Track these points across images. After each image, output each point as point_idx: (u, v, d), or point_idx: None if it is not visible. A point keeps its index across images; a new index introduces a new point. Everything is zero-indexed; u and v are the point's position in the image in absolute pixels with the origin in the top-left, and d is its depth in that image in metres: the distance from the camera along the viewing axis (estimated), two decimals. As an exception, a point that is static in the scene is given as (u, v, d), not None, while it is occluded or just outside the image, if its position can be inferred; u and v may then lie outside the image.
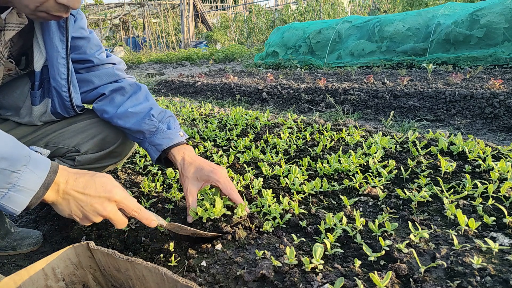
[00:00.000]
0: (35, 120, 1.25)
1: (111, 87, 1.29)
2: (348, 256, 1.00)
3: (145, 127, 1.24)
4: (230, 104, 4.27)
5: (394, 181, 1.47)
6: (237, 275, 0.94)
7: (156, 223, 0.99)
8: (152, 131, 1.24)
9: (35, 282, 0.85)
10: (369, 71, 5.84)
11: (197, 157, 1.24)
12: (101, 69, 1.30)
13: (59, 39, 1.11)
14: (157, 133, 1.24)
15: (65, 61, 1.14)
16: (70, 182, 0.85)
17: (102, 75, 1.29)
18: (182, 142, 1.25)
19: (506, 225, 1.06)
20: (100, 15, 20.88)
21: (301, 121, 2.50)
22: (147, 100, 1.30)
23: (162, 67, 10.71)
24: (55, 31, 1.09)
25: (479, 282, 0.83)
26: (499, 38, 5.32)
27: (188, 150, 1.25)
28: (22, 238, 1.42)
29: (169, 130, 1.24)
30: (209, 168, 1.19)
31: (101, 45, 1.31)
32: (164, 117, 1.27)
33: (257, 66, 8.18)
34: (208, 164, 1.21)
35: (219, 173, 1.18)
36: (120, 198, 0.90)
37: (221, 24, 18.30)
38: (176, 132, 1.25)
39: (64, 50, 1.12)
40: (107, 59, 1.32)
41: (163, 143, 1.22)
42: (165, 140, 1.22)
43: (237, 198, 1.17)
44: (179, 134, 1.25)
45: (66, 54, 1.13)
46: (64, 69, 1.14)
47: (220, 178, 1.17)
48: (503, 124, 2.70)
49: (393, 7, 11.21)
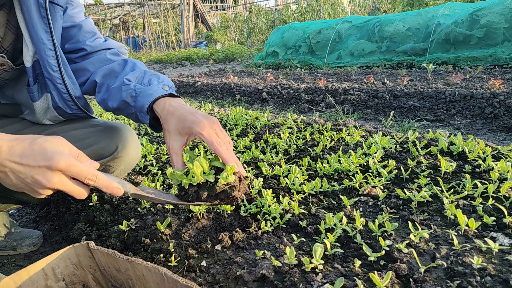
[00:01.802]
0: (41, 118, 1.23)
1: (101, 72, 1.19)
2: (348, 256, 1.00)
3: (124, 95, 1.09)
4: (230, 104, 4.27)
5: (394, 181, 1.47)
6: (237, 275, 0.94)
7: (121, 191, 0.84)
8: (134, 96, 1.08)
9: (35, 282, 0.85)
10: (369, 71, 5.84)
11: (182, 106, 1.01)
12: (94, 56, 1.21)
13: (43, 31, 1.05)
14: (138, 96, 1.08)
15: (54, 53, 1.09)
16: (4, 150, 0.73)
17: (96, 61, 1.21)
18: (165, 94, 1.06)
19: (506, 225, 1.06)
20: (100, 15, 20.88)
21: (301, 121, 2.50)
22: (131, 70, 1.16)
23: (162, 67, 10.71)
24: (38, 23, 1.04)
25: (479, 282, 0.83)
26: (499, 38, 5.32)
27: (172, 100, 1.05)
28: (22, 238, 1.42)
29: (149, 86, 1.08)
30: (191, 118, 0.95)
31: (95, 31, 1.24)
32: (144, 77, 1.12)
33: (257, 66, 8.18)
34: (192, 113, 0.97)
35: (202, 124, 0.93)
36: (64, 166, 0.75)
37: (221, 24, 18.31)
38: (158, 86, 1.08)
39: (50, 41, 1.07)
40: (102, 45, 1.24)
41: (144, 102, 1.05)
42: (146, 99, 1.05)
43: (225, 157, 0.92)
44: (163, 88, 1.07)
45: (53, 45, 1.08)
46: (54, 61, 1.09)
47: (204, 129, 0.92)
48: (503, 124, 2.70)
49: (393, 7, 11.21)
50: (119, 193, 0.83)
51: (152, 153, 1.99)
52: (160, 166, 1.82)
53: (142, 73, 1.12)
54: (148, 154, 1.96)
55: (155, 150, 2.06)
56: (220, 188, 0.91)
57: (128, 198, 1.48)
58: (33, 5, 1.03)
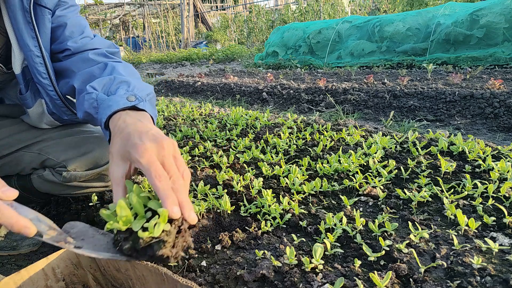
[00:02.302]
0: (38, 123, 1.21)
1: (81, 77, 1.04)
2: (348, 256, 1.00)
3: (87, 105, 0.92)
4: (230, 104, 4.27)
5: (394, 181, 1.47)
6: (237, 275, 0.94)
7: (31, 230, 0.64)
8: (96, 108, 0.90)
9: (35, 282, 0.85)
10: (369, 71, 5.84)
11: (136, 124, 0.79)
12: (78, 55, 1.09)
13: (30, 37, 0.99)
14: (99, 107, 0.89)
15: (41, 60, 1.02)
16: None
17: (79, 62, 1.07)
18: (127, 107, 0.85)
19: (506, 225, 1.06)
20: (100, 15, 20.88)
21: (301, 121, 2.50)
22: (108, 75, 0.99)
23: (162, 67, 10.71)
24: (24, 29, 0.98)
25: (479, 282, 0.83)
26: (499, 38, 5.32)
27: (131, 114, 0.83)
28: (23, 238, 1.42)
29: (113, 96, 0.88)
30: (134, 139, 0.72)
31: (83, 30, 1.12)
32: (112, 84, 0.93)
33: (257, 66, 8.18)
34: (140, 133, 0.75)
35: (143, 148, 0.70)
36: None
37: (221, 24, 18.30)
38: (122, 96, 0.87)
39: (37, 48, 1.00)
40: (87, 44, 1.11)
41: (102, 116, 0.86)
42: (104, 112, 0.86)
43: (162, 196, 0.66)
44: (128, 99, 0.86)
45: (40, 52, 1.01)
46: (42, 68, 1.03)
47: (144, 156, 0.69)
48: (503, 124, 2.70)
49: (393, 7, 11.21)
50: (29, 233, 0.64)
51: (152, 153, 1.99)
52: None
53: (111, 80, 0.94)
54: (148, 154, 1.96)
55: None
56: (144, 242, 0.64)
57: (128, 198, 1.48)
58: (19, 10, 0.96)
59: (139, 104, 0.86)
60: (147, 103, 0.90)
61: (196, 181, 1.59)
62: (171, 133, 2.39)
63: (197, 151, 1.96)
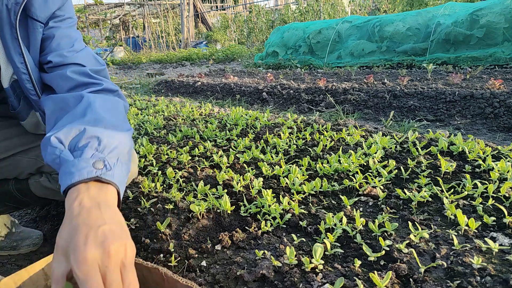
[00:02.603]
0: (35, 130, 1.18)
1: (52, 103, 0.94)
2: (348, 256, 1.00)
3: (49, 158, 0.79)
4: (230, 104, 4.27)
5: (394, 181, 1.47)
6: (237, 275, 0.94)
7: None
8: (58, 165, 0.78)
9: (35, 282, 0.85)
10: (369, 71, 5.84)
11: (89, 211, 0.67)
12: (57, 71, 0.99)
13: (16, 53, 0.94)
14: (61, 168, 0.77)
15: (28, 77, 0.96)
16: None
17: (57, 78, 0.98)
18: (89, 178, 0.72)
19: (506, 225, 1.06)
20: (100, 15, 20.88)
21: (301, 121, 2.50)
22: (80, 116, 0.84)
23: (162, 67, 10.71)
24: (10, 44, 0.93)
25: (479, 282, 0.83)
26: (499, 38, 5.32)
27: (89, 193, 0.71)
28: (23, 239, 1.42)
29: (77, 159, 0.75)
30: (80, 238, 0.62)
31: (71, 43, 1.03)
32: (80, 139, 0.78)
33: (257, 66, 8.18)
34: (87, 230, 0.63)
35: (81, 258, 0.60)
36: None
37: (221, 24, 18.30)
38: (87, 162, 0.74)
39: (23, 64, 0.95)
40: (70, 58, 1.00)
41: (62, 182, 0.74)
42: (63, 179, 0.74)
43: None
44: (94, 166, 0.74)
45: (26, 69, 0.95)
46: (29, 85, 0.97)
47: (80, 269, 0.59)
48: (503, 124, 2.70)
49: (393, 7, 11.21)
50: None
51: (152, 153, 1.99)
52: (160, 166, 1.82)
53: (81, 132, 0.79)
54: (148, 154, 1.96)
55: (155, 150, 2.06)
56: None
57: (128, 198, 1.48)
58: (6, 24, 0.91)
59: (106, 174, 0.74)
60: (116, 167, 0.78)
61: (196, 181, 1.59)
62: (171, 133, 2.39)
63: (197, 151, 1.96)
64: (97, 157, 0.76)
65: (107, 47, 13.18)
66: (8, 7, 0.89)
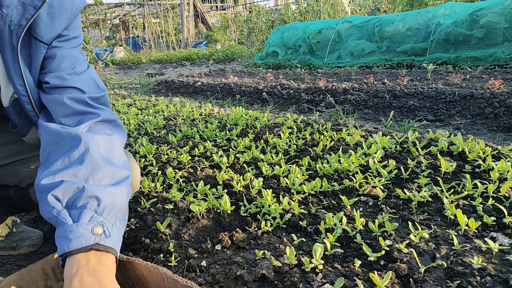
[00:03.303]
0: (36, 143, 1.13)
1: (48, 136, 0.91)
2: (348, 256, 1.00)
3: (45, 213, 0.78)
4: (230, 104, 4.27)
5: (394, 181, 1.47)
6: (237, 275, 0.94)
7: None
8: (55, 223, 0.77)
9: (35, 282, 0.85)
10: (369, 71, 5.84)
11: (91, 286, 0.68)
12: (54, 94, 0.95)
13: (17, 75, 0.91)
14: (58, 229, 0.76)
15: (27, 99, 0.94)
16: None
17: (53, 102, 0.94)
18: (89, 246, 0.72)
19: (506, 225, 1.06)
20: (100, 15, 20.87)
21: (301, 121, 2.50)
22: (76, 164, 0.82)
23: (162, 67, 10.71)
24: (11, 66, 0.90)
25: (479, 282, 0.83)
26: (499, 38, 5.32)
27: (88, 265, 0.72)
28: (23, 239, 1.42)
29: (75, 224, 0.74)
30: None
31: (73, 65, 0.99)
32: (78, 198, 0.77)
33: (257, 66, 8.18)
34: None
35: None
36: None
37: (221, 24, 18.30)
38: (86, 227, 0.74)
39: (23, 86, 0.92)
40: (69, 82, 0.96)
41: (59, 245, 0.74)
42: (60, 243, 0.74)
43: None
44: (92, 232, 0.74)
45: (25, 91, 0.93)
46: (29, 106, 0.95)
47: None
48: (503, 124, 2.70)
49: (393, 7, 11.21)
50: None
51: (152, 153, 1.99)
52: (160, 166, 1.82)
53: (79, 191, 0.78)
54: (148, 154, 1.96)
55: (155, 150, 2.06)
56: None
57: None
58: (8, 45, 0.89)
59: (105, 241, 0.75)
60: (114, 229, 0.78)
61: (196, 181, 1.59)
62: (171, 133, 2.39)
63: (197, 151, 1.96)
64: (96, 222, 0.75)
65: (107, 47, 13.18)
66: (11, 29, 0.85)
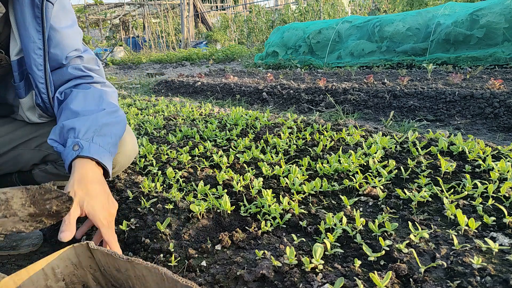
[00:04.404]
0: (30, 116, 1.21)
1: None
2: (348, 256, 1.00)
3: (54, 148, 1.08)
4: (230, 104, 4.27)
5: (394, 181, 1.47)
6: (237, 275, 0.94)
7: None
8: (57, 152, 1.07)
9: (35, 282, 0.85)
10: (369, 71, 5.84)
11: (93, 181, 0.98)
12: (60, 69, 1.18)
13: (35, 30, 1.05)
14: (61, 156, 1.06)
15: (42, 52, 1.08)
16: None
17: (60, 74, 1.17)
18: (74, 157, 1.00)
19: (506, 225, 1.06)
20: (100, 15, 20.88)
21: (301, 121, 2.50)
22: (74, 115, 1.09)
23: (162, 67, 10.71)
24: (30, 22, 1.04)
25: (479, 282, 0.83)
26: (499, 38, 5.32)
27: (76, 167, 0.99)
28: (22, 239, 1.42)
29: (65, 149, 1.03)
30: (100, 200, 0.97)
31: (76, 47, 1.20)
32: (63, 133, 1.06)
33: (257, 66, 8.18)
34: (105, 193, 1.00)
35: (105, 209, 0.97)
36: None
37: (221, 24, 18.30)
38: (70, 148, 1.02)
39: (41, 41, 1.07)
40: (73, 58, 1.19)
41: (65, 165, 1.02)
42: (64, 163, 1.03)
43: None
44: (73, 149, 1.01)
45: (43, 45, 1.07)
46: (41, 59, 1.09)
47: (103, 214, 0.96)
48: (503, 124, 2.70)
49: (393, 7, 11.21)
50: None
51: (152, 153, 1.99)
52: (160, 166, 1.82)
53: (62, 129, 1.06)
54: (148, 154, 1.96)
55: (155, 150, 2.06)
56: None
57: (128, 198, 1.48)
58: (28, 4, 1.02)
59: (82, 152, 0.99)
60: (92, 143, 1.02)
61: (196, 181, 1.59)
62: (171, 133, 2.39)
63: (197, 151, 1.96)
64: (74, 142, 1.01)
65: (107, 47, 13.18)
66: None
